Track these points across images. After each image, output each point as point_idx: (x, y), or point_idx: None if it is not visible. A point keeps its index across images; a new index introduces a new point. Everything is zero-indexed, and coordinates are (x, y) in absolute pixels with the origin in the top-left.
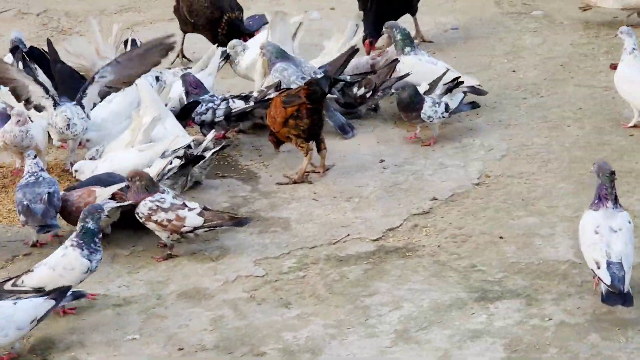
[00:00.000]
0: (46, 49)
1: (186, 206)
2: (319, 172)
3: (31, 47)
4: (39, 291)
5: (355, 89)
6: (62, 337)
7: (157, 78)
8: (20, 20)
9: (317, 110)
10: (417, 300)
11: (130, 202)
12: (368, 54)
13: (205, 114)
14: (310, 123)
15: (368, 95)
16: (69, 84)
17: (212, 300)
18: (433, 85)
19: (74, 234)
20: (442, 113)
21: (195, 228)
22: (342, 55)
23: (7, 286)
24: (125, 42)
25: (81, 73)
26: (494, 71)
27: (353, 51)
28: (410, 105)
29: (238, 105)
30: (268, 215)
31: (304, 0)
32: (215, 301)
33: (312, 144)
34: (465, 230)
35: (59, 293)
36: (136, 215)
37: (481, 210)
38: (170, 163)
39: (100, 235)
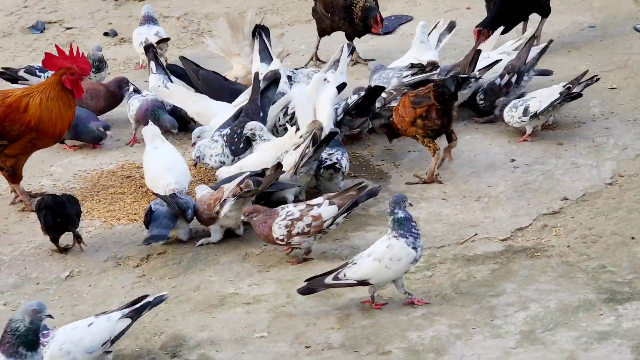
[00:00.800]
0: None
1: (312, 205)
2: (449, 159)
3: (168, 65)
4: (363, 283)
5: (498, 81)
6: (193, 334)
7: (290, 77)
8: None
9: (446, 111)
10: (544, 301)
11: (249, 190)
12: (476, 40)
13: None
14: (440, 124)
15: (513, 79)
16: (215, 88)
17: (340, 299)
18: (573, 83)
19: (389, 229)
20: (519, 118)
21: (335, 217)
22: (468, 55)
23: (328, 280)
24: (254, 32)
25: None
26: (630, 69)
27: (478, 50)
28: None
29: (354, 98)
30: None
31: (439, 0)
32: (343, 300)
33: (439, 143)
34: (596, 231)
35: (135, 311)
36: (280, 242)
37: (613, 210)
38: (305, 151)
39: (413, 219)
